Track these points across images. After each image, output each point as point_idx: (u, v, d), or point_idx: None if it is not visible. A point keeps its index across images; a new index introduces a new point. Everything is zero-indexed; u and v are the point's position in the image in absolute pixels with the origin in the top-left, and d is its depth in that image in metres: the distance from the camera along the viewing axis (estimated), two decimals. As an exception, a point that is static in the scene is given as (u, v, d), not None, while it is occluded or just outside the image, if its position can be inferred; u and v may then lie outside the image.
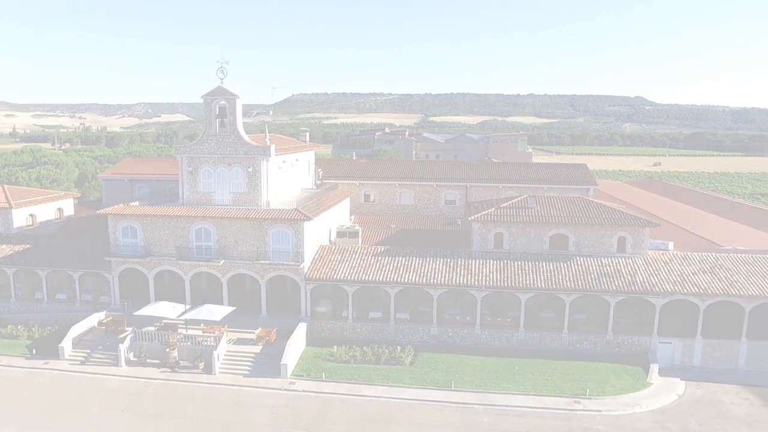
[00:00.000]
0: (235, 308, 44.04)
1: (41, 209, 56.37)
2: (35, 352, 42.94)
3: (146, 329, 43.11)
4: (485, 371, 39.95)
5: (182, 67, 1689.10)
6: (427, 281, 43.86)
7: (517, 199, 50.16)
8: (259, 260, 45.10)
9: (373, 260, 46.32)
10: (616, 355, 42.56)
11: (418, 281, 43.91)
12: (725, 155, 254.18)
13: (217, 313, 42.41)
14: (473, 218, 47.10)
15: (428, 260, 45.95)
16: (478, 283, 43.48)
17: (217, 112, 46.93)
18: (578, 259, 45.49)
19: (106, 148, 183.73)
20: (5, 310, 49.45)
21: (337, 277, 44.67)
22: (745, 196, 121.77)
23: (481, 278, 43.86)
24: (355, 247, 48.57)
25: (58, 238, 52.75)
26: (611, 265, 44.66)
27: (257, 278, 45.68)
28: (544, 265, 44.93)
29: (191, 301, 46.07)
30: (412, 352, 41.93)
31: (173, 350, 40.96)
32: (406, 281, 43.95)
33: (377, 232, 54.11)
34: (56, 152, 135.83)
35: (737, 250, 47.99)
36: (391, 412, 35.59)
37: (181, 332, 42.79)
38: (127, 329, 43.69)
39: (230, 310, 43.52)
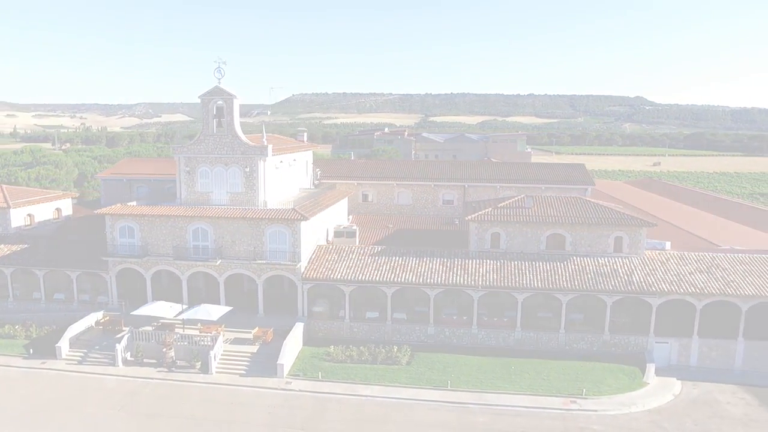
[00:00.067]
0: (232, 308, 44.08)
1: (39, 209, 56.39)
2: (32, 351, 43.02)
3: (143, 329, 43.18)
4: (482, 371, 39.98)
5: (183, 67, 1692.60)
6: (423, 281, 43.89)
7: (514, 198, 50.17)
8: (256, 260, 45.15)
9: (370, 260, 46.35)
10: (612, 354, 42.59)
11: (414, 281, 43.94)
12: (725, 155, 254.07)
13: (214, 312, 42.44)
14: (470, 218, 47.15)
15: (425, 260, 45.98)
16: (474, 282, 43.49)
17: (214, 112, 46.99)
18: (575, 258, 45.51)
19: (106, 148, 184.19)
20: (3, 309, 49.48)
21: (333, 276, 44.70)
22: (744, 196, 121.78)
23: (477, 278, 43.88)
24: (352, 246, 48.57)
25: (56, 238, 52.76)
26: (608, 264, 44.68)
27: (254, 278, 45.73)
28: (540, 264, 44.95)
29: (188, 300, 46.10)
30: (408, 351, 41.98)
31: (170, 350, 41.04)
32: (402, 281, 43.97)
33: (375, 231, 54.15)
34: (56, 152, 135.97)
35: (734, 250, 48.00)
36: (387, 411, 35.61)
37: (178, 332, 42.86)
38: (124, 329, 43.78)
39: (227, 309, 43.54)
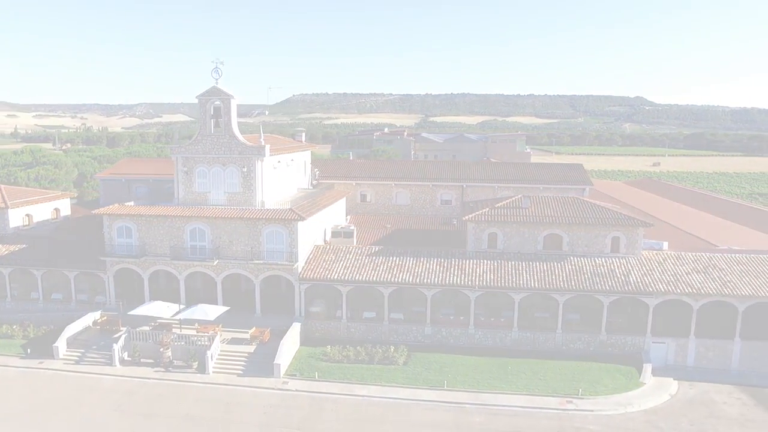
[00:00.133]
0: (229, 308, 44.10)
1: (38, 209, 56.51)
2: (30, 351, 43.09)
3: (141, 329, 43.24)
4: (478, 371, 40.01)
5: (184, 67, 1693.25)
6: (420, 281, 43.92)
7: (511, 199, 50.20)
8: (253, 260, 45.19)
9: (367, 260, 46.39)
10: (609, 354, 42.61)
11: (411, 281, 43.98)
12: (724, 155, 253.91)
13: (211, 312, 42.47)
14: (467, 218, 47.20)
15: (422, 260, 46.01)
16: (471, 283, 43.52)
17: (212, 112, 47.06)
18: (572, 259, 45.54)
19: (106, 148, 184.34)
20: (0, 309, 49.53)
21: (330, 276, 44.74)
22: (743, 196, 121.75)
23: (474, 278, 43.91)
24: (349, 246, 48.62)
25: (54, 238, 52.83)
26: (605, 265, 44.71)
27: (251, 278, 45.78)
28: (537, 265, 44.98)
29: (186, 300, 46.15)
30: (405, 351, 42.02)
31: (167, 350, 41.09)
32: (399, 281, 44.01)
33: (373, 231, 54.18)
34: (56, 152, 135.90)
35: (732, 250, 48.00)
36: (383, 411, 35.65)
37: (175, 332, 42.93)
38: (121, 329, 43.81)
39: (224, 309, 43.56)
